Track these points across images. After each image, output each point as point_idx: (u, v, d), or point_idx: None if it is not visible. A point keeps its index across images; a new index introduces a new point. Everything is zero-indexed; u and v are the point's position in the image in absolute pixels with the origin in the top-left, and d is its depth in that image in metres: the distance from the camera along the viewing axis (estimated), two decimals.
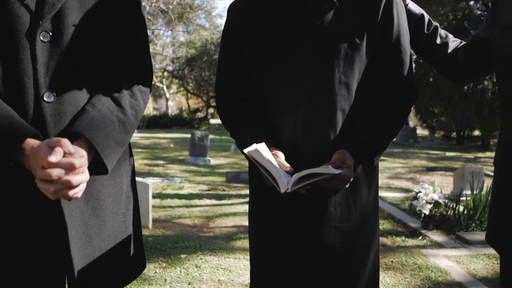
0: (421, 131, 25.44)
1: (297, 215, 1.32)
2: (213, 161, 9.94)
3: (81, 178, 0.97)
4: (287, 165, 1.22)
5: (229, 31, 1.40)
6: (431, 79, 17.50)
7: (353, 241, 1.34)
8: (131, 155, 1.32)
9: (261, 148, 1.16)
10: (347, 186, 1.24)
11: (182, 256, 3.49)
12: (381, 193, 6.48)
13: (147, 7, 11.83)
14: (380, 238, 4.09)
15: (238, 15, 1.37)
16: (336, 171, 1.11)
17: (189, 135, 10.34)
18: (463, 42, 1.37)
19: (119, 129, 1.13)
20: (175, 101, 39.55)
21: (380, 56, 1.30)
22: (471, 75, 1.33)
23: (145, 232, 4.11)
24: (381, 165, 10.35)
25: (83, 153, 1.00)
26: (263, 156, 1.12)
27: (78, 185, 0.97)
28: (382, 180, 8.14)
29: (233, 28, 1.38)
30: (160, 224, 4.48)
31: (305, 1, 1.26)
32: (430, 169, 9.78)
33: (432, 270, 3.30)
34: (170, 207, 5.33)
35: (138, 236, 1.34)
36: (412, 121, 29.90)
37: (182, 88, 31.26)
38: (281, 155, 1.24)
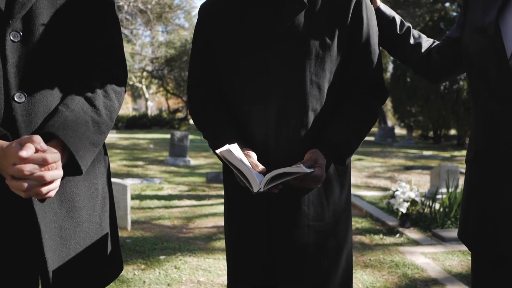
0: (399, 131, 25.82)
1: (271, 215, 1.32)
2: (193, 162, 9.90)
3: (54, 173, 0.95)
4: (260, 165, 1.22)
5: (200, 31, 1.40)
6: (408, 80, 17.79)
7: (326, 239, 1.35)
8: (106, 155, 1.31)
9: (234, 148, 1.16)
10: (319, 185, 1.25)
11: (161, 257, 3.46)
12: (360, 192, 6.57)
13: (125, 7, 11.70)
14: (359, 237, 4.17)
15: (209, 15, 1.37)
16: (308, 170, 1.12)
17: (168, 136, 10.27)
18: (436, 42, 1.40)
19: (93, 129, 1.12)
20: (154, 101, 39.20)
21: (350, 57, 1.32)
22: (445, 74, 1.36)
23: (123, 233, 4.07)
24: (360, 164, 10.48)
25: (55, 150, 0.99)
26: (235, 156, 1.13)
27: (51, 182, 0.95)
28: (361, 179, 8.24)
29: (204, 28, 1.39)
30: (139, 225, 4.44)
31: (276, 2, 1.27)
32: (408, 168, 9.94)
33: (409, 267, 3.36)
34: (149, 208, 5.28)
35: (114, 237, 1.32)
36: (390, 120, 30.35)
37: (161, 88, 31.02)
38: (254, 155, 1.25)
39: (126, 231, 4.14)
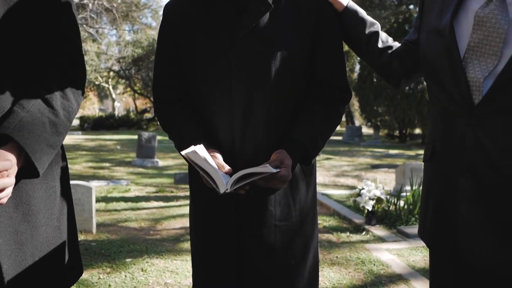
0: (366, 130, 26.29)
1: (240, 215, 1.33)
2: (161, 163, 9.78)
3: (5, 182, 0.92)
4: (226, 166, 1.22)
5: (164, 32, 1.38)
6: (374, 80, 18.18)
7: (293, 239, 1.36)
8: (64, 157, 1.27)
9: (199, 149, 1.16)
10: (285, 185, 1.26)
11: (128, 260, 3.41)
12: (328, 191, 6.65)
13: (90, 5, 11.43)
14: (326, 235, 4.22)
15: (173, 16, 1.36)
16: (274, 170, 1.13)
17: (136, 137, 10.10)
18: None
19: (51, 131, 1.09)
20: (121, 101, 38.49)
21: (314, 59, 1.33)
22: (405, 78, 1.38)
23: (88, 237, 3.98)
24: (328, 163, 10.63)
25: (8, 156, 0.95)
26: (200, 157, 1.12)
27: (2, 190, 0.92)
28: (329, 178, 8.35)
29: (168, 28, 1.37)
30: (104, 228, 4.35)
31: (241, 3, 1.27)
32: (374, 167, 10.14)
33: (374, 264, 3.42)
34: (115, 210, 5.19)
35: (73, 240, 1.29)
36: (357, 120, 30.87)
37: (129, 89, 30.50)
38: (219, 156, 1.25)
39: (91, 234, 4.05)
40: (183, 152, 1.14)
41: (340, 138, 19.54)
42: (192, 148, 1.14)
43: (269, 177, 1.18)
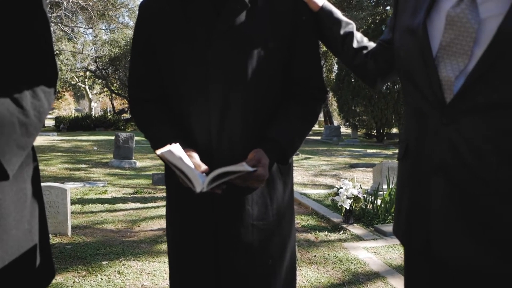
0: (344, 130, 26.58)
1: (216, 215, 1.32)
2: (139, 163, 9.67)
3: None
4: (203, 165, 1.21)
5: (140, 30, 1.37)
6: (352, 80, 18.38)
7: (270, 238, 1.36)
8: (35, 158, 1.24)
9: (175, 148, 1.14)
10: (262, 184, 1.26)
11: (104, 263, 3.35)
12: (307, 190, 6.69)
13: (65, 3, 11.20)
14: (304, 234, 4.24)
15: (149, 14, 1.34)
16: (250, 169, 1.12)
17: (113, 137, 9.96)
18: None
19: (20, 131, 1.06)
20: (98, 102, 37.94)
21: (291, 59, 1.33)
22: (381, 77, 1.39)
23: (63, 239, 3.90)
24: (307, 163, 10.69)
25: None
26: (176, 156, 1.11)
27: None
28: (307, 177, 8.40)
29: (144, 27, 1.35)
30: (80, 230, 4.27)
31: (217, 2, 1.26)
32: (352, 166, 10.25)
33: (352, 262, 3.45)
34: (91, 212, 5.10)
35: (45, 243, 1.26)
36: (336, 120, 31.16)
37: (106, 89, 30.07)
38: (196, 156, 1.24)
39: (66, 237, 3.98)
40: (158, 152, 1.13)
41: (319, 137, 19.69)
42: (167, 147, 1.13)
43: (246, 176, 1.17)
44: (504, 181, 0.98)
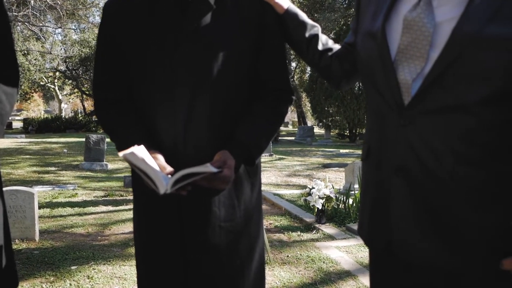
0: (318, 130, 26.83)
1: (182, 217, 1.31)
2: (110, 166, 9.50)
3: None
4: (168, 167, 1.20)
5: (104, 31, 1.34)
6: (325, 81, 18.56)
7: (238, 239, 1.36)
8: None
9: (139, 150, 1.13)
10: (228, 186, 1.25)
11: (73, 267, 3.28)
12: (280, 191, 6.71)
13: (32, 1, 10.91)
14: (277, 234, 4.26)
15: (113, 14, 1.32)
16: (215, 170, 1.11)
17: (84, 139, 9.76)
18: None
19: None
20: (69, 103, 37.14)
21: (257, 60, 1.33)
22: (345, 79, 1.40)
23: (31, 245, 3.80)
24: (281, 163, 10.74)
25: None
26: (139, 158, 1.09)
27: None
28: (281, 178, 8.44)
29: (108, 28, 1.33)
30: (49, 235, 4.17)
31: (182, 3, 1.25)
32: (325, 166, 10.35)
33: (324, 262, 3.48)
34: (61, 216, 4.98)
35: (8, 249, 1.22)
36: (309, 120, 31.43)
37: (76, 90, 29.46)
38: (161, 158, 1.23)
39: (33, 242, 3.87)
40: (121, 154, 1.11)
41: (292, 138, 19.81)
42: (131, 149, 1.11)
43: (212, 177, 1.17)
44: (460, 181, 1.00)
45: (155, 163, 1.17)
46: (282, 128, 35.68)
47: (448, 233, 1.03)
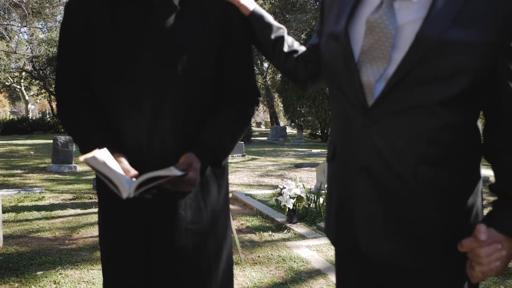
0: (290, 130, 27.00)
1: (148, 220, 1.30)
2: (79, 168, 9.29)
3: None
4: (132, 170, 1.19)
5: (66, 31, 1.31)
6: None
7: (205, 241, 1.36)
8: None
9: (102, 154, 1.11)
10: (193, 188, 1.25)
11: (39, 273, 3.19)
12: (252, 191, 6.72)
13: None
14: (249, 235, 4.27)
15: (75, 14, 1.29)
16: (179, 173, 1.11)
17: (52, 141, 9.52)
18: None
19: None
20: (36, 104, 36.15)
21: (222, 62, 1.33)
22: (310, 81, 1.42)
23: None
24: (253, 163, 10.75)
25: None
26: (100, 162, 1.08)
27: None
28: (253, 178, 8.45)
29: (70, 28, 1.30)
30: (13, 240, 4.04)
31: (146, 4, 1.24)
32: (298, 166, 10.42)
33: (295, 261, 3.51)
34: (27, 220, 4.84)
35: None
36: (282, 120, 31.59)
37: (44, 90, 28.69)
38: (125, 161, 1.21)
39: None
40: (81, 158, 1.09)
41: (265, 138, 19.86)
42: (92, 153, 1.09)
43: (176, 180, 1.16)
44: (422, 181, 1.03)
45: (118, 166, 1.15)
46: (254, 128, 35.76)
47: (411, 232, 1.06)
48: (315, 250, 3.79)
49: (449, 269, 1.07)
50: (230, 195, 6.31)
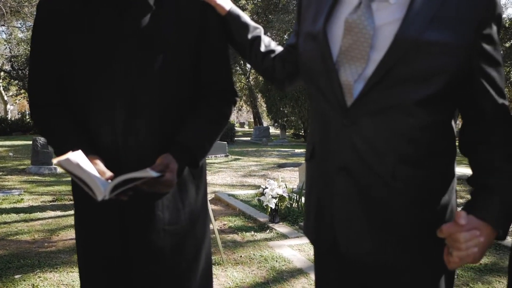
0: (274, 130, 27.04)
1: (125, 222, 1.29)
2: (60, 169, 9.13)
3: None
4: (108, 172, 1.18)
5: (40, 31, 1.29)
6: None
7: (183, 242, 1.35)
8: None
9: (76, 156, 1.09)
10: (171, 190, 1.24)
11: (17, 276, 3.13)
12: (235, 191, 6.72)
13: None
14: (231, 235, 4.26)
15: (49, 14, 1.27)
16: (155, 174, 1.10)
17: (31, 142, 9.35)
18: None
19: None
20: (15, 104, 35.48)
21: (199, 62, 1.33)
22: (288, 81, 1.42)
23: None
24: (236, 164, 10.75)
25: None
26: (74, 164, 1.06)
27: None
28: (236, 178, 8.44)
29: (44, 28, 1.28)
30: None
31: (121, 4, 1.22)
32: (281, 166, 10.45)
33: (277, 260, 3.52)
34: (5, 223, 4.75)
35: None
36: (265, 121, 31.63)
37: (23, 90, 28.14)
38: (100, 163, 1.19)
39: None
40: (54, 161, 1.07)
41: (248, 138, 19.86)
42: (66, 155, 1.08)
43: (153, 182, 1.15)
44: (400, 180, 1.04)
45: (94, 168, 1.14)
46: (238, 128, 35.71)
47: (390, 231, 1.07)
48: (297, 250, 3.80)
49: (428, 266, 1.09)
50: (213, 195, 6.31)
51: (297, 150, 14.81)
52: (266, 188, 4.60)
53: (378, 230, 1.08)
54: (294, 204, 4.97)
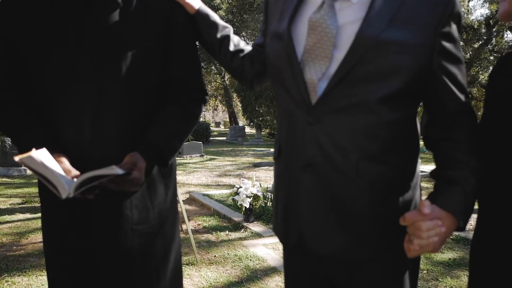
0: (249, 130, 27.08)
1: (93, 222, 1.27)
2: (30, 171, 8.91)
3: None
4: (73, 170, 1.16)
5: (2, 26, 1.26)
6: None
7: (152, 242, 1.34)
8: None
9: (39, 154, 1.07)
10: (138, 188, 1.23)
11: None
12: (210, 191, 6.69)
13: None
14: (205, 235, 4.25)
15: (13, 8, 1.24)
16: (120, 171, 1.08)
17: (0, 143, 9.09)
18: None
19: None
20: None
21: (167, 60, 1.32)
22: (256, 80, 1.43)
23: None
24: (212, 164, 10.71)
25: None
26: (37, 162, 1.04)
27: None
28: (211, 178, 8.41)
29: (7, 23, 1.25)
30: None
31: (87, 1, 1.21)
32: (256, 165, 10.47)
33: (251, 259, 3.53)
34: None
35: None
36: (241, 120, 31.63)
37: None
38: (65, 161, 1.17)
39: None
40: (16, 158, 1.05)
41: (224, 138, 19.81)
42: (28, 153, 1.05)
43: (120, 180, 1.14)
44: (363, 175, 1.07)
45: (58, 166, 1.12)
46: (213, 128, 35.58)
47: (355, 226, 1.09)
48: (271, 248, 3.82)
49: (392, 259, 1.12)
50: (188, 195, 6.27)
51: (272, 150, 14.81)
52: (241, 187, 4.60)
53: (343, 225, 1.10)
54: (268, 203, 4.99)
